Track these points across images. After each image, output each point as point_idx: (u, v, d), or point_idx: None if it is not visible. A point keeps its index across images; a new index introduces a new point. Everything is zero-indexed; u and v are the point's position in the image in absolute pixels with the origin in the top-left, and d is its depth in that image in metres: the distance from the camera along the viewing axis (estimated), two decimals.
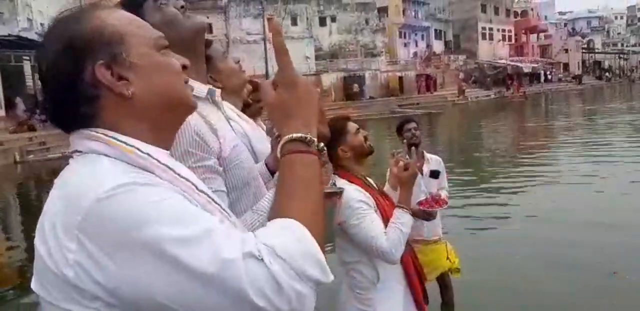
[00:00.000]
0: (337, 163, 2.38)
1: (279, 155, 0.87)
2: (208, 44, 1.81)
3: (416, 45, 46.75)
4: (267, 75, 23.35)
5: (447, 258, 3.90)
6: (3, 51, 20.10)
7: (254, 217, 1.19)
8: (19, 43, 20.64)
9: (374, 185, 2.47)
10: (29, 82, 25.24)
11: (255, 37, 31.51)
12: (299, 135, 0.86)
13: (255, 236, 0.74)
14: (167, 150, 0.88)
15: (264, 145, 1.63)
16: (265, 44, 23.66)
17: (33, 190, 12.51)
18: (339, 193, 1.11)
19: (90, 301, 0.73)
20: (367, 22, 39.82)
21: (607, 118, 20.89)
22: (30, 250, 7.16)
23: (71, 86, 0.80)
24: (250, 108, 2.77)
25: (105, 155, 0.80)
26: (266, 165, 1.53)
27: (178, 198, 0.75)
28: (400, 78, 37.79)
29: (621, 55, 66.77)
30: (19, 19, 24.36)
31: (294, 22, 36.96)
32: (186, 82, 0.90)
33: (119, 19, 0.86)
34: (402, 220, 2.25)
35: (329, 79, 33.83)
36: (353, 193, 2.24)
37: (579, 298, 4.21)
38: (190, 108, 0.91)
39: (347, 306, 2.35)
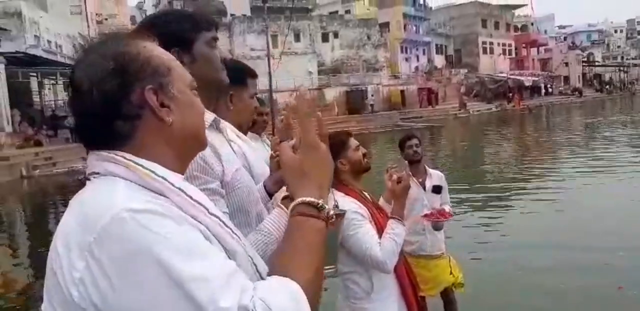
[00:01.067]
0: (335, 177, 2.48)
1: (288, 213, 0.91)
2: (253, 75, 1.93)
3: (417, 60, 47.11)
4: (270, 91, 23.54)
5: (451, 273, 3.89)
6: (11, 68, 20.35)
7: (258, 237, 1.24)
8: (26, 60, 20.96)
9: (369, 198, 2.55)
10: (36, 98, 25.50)
11: (259, 53, 31.79)
12: (312, 200, 0.89)
13: (255, 289, 0.76)
14: (182, 174, 0.93)
15: (262, 166, 1.67)
16: (269, 59, 23.89)
17: (39, 205, 12.60)
18: (341, 215, 1.20)
19: None
20: (369, 37, 40.21)
21: (607, 132, 20.93)
22: (35, 264, 7.25)
23: (115, 103, 0.83)
24: (255, 126, 2.89)
25: (123, 178, 0.82)
26: (265, 187, 1.57)
27: (189, 233, 0.77)
28: (402, 92, 38.01)
29: (621, 68, 67.01)
30: (26, 36, 24.70)
31: (297, 38, 37.38)
32: None
33: (164, 53, 0.91)
34: (396, 230, 2.32)
35: (332, 93, 34.07)
36: (348, 205, 2.30)
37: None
38: (205, 145, 0.99)
39: None
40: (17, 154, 17.42)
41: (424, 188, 3.81)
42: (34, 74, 23.09)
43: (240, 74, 1.83)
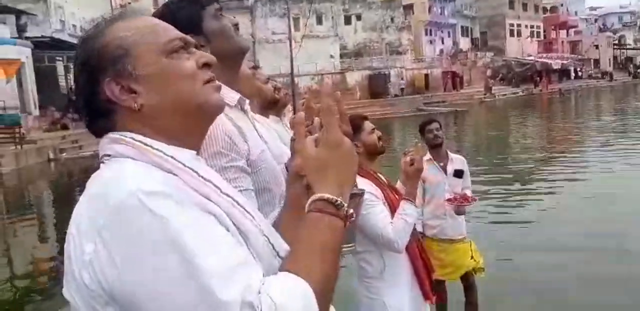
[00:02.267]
0: None
1: (306, 208, 0.86)
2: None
3: (442, 43, 46.35)
4: (292, 75, 23.44)
5: (472, 257, 3.90)
6: (37, 52, 20.66)
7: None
8: (52, 44, 21.26)
9: (384, 180, 2.59)
10: (62, 81, 25.92)
11: (281, 36, 31.66)
12: (331, 197, 0.85)
13: (263, 284, 0.73)
14: (196, 150, 0.88)
15: (278, 146, 1.66)
16: (290, 43, 23.74)
17: (65, 187, 12.88)
18: (360, 194, 1.16)
19: (102, 306, 0.73)
20: (392, 19, 39.64)
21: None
22: (61, 246, 7.43)
23: (90, 102, 0.85)
24: (277, 106, 2.88)
25: (133, 158, 0.81)
26: (286, 168, 1.54)
27: (200, 219, 0.75)
28: (426, 75, 37.51)
29: None
30: (52, 21, 25.02)
31: (319, 21, 37.03)
32: (209, 81, 0.88)
33: (128, 29, 0.86)
34: (408, 211, 2.36)
35: (354, 77, 33.80)
36: (362, 186, 2.31)
37: (597, 296, 4.18)
38: (217, 108, 0.89)
39: (356, 295, 2.46)
40: (45, 137, 17.79)
41: (445, 173, 3.78)
42: (60, 58, 23.42)
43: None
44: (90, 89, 0.84)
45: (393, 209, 2.43)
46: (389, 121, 24.69)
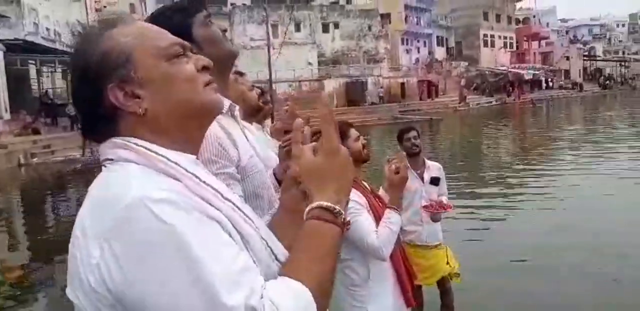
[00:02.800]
0: None
1: (304, 215, 0.88)
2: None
3: (418, 52, 46.97)
4: (270, 81, 23.45)
5: (447, 263, 3.96)
6: (9, 55, 20.25)
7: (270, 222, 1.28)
8: (25, 47, 20.87)
9: (367, 187, 2.61)
10: (34, 85, 25.41)
11: (259, 43, 31.66)
12: (329, 204, 0.87)
13: (265, 289, 0.75)
14: (195, 154, 0.90)
15: (265, 152, 1.69)
16: (269, 50, 23.77)
17: (36, 193, 12.61)
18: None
19: (108, 308, 0.75)
20: (369, 28, 40.04)
21: (608, 128, 20.95)
22: (32, 251, 7.28)
23: (93, 109, 0.85)
24: (259, 114, 2.91)
25: (136, 163, 0.82)
26: (274, 175, 1.60)
27: (204, 226, 0.76)
28: (402, 84, 37.94)
29: (622, 63, 66.85)
30: (25, 23, 24.52)
31: (298, 28, 37.22)
32: (208, 84, 0.89)
33: (128, 34, 0.86)
34: (392, 219, 2.38)
35: (332, 85, 33.98)
36: None
37: (581, 299, 4.29)
38: (217, 108, 0.92)
39: (340, 302, 2.48)
40: (16, 142, 17.40)
41: (422, 180, 3.84)
42: (33, 62, 22.96)
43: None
44: (92, 96, 0.84)
45: (377, 217, 2.44)
46: (366, 129, 24.87)
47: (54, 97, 26.38)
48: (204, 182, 0.83)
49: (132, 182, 0.77)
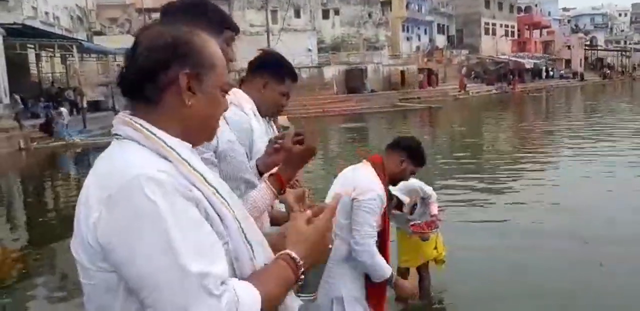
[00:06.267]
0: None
1: (277, 255, 1.08)
2: (293, 78, 2.12)
3: (419, 40, 46.72)
4: None
5: (435, 247, 4.06)
6: (8, 39, 20.15)
7: (245, 205, 1.40)
8: (24, 31, 20.72)
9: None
10: (33, 70, 25.31)
11: (259, 29, 31.45)
12: (298, 259, 1.06)
13: (229, 282, 0.93)
14: (192, 145, 1.08)
15: (262, 145, 1.81)
16: (268, 36, 23.67)
17: (35, 176, 12.70)
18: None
19: (101, 261, 0.92)
20: (370, 15, 39.75)
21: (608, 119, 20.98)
22: (31, 233, 7.39)
23: (153, 70, 0.99)
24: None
25: (138, 142, 0.98)
26: (257, 166, 1.74)
27: (189, 208, 0.93)
28: (402, 72, 37.79)
29: (624, 53, 66.56)
30: (23, 8, 24.38)
31: (297, 15, 36.95)
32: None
33: (217, 51, 1.07)
34: (383, 272, 2.58)
35: (331, 72, 33.86)
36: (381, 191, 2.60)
37: (571, 284, 4.39)
38: (211, 139, 1.15)
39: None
40: (16, 126, 17.40)
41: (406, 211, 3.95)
42: (32, 46, 22.84)
43: (281, 70, 2.00)
44: (163, 63, 0.99)
45: (384, 229, 2.64)
46: (365, 116, 24.88)
47: (53, 82, 26.34)
48: (194, 168, 0.99)
49: (133, 161, 0.94)
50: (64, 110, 18.18)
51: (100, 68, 28.71)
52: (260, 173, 1.71)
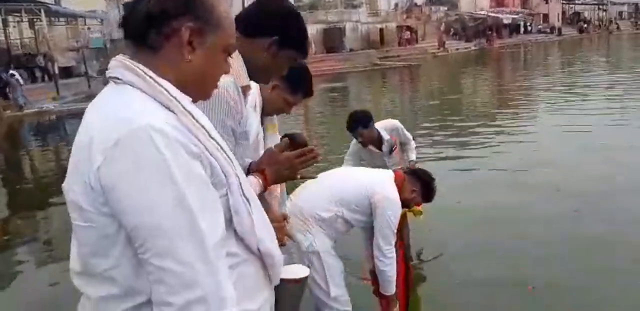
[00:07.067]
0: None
1: (261, 183, 1.24)
2: (308, 93, 2.18)
3: None
4: None
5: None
6: None
7: None
8: None
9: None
10: (1, 36, 24.31)
11: None
12: (268, 176, 1.26)
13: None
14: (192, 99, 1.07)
15: (256, 137, 1.81)
16: None
17: (10, 144, 12.44)
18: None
19: (102, 205, 0.92)
20: None
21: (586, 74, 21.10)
22: (10, 203, 7.30)
23: (159, 17, 0.98)
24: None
25: (139, 88, 0.96)
26: (249, 166, 1.71)
27: (190, 161, 0.93)
28: (381, 30, 37.22)
29: (600, 6, 66.28)
30: None
31: None
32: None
33: (228, 12, 1.06)
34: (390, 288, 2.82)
35: (309, 31, 33.07)
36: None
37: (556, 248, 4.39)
38: (206, 97, 1.14)
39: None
40: None
41: (382, 150, 3.93)
42: None
43: (298, 81, 2.04)
44: (170, 13, 0.98)
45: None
46: (345, 76, 24.65)
47: (22, 47, 25.43)
48: (197, 121, 0.99)
49: (140, 109, 0.93)
50: (15, 73, 17.52)
51: (70, 32, 27.71)
52: (247, 173, 1.71)
